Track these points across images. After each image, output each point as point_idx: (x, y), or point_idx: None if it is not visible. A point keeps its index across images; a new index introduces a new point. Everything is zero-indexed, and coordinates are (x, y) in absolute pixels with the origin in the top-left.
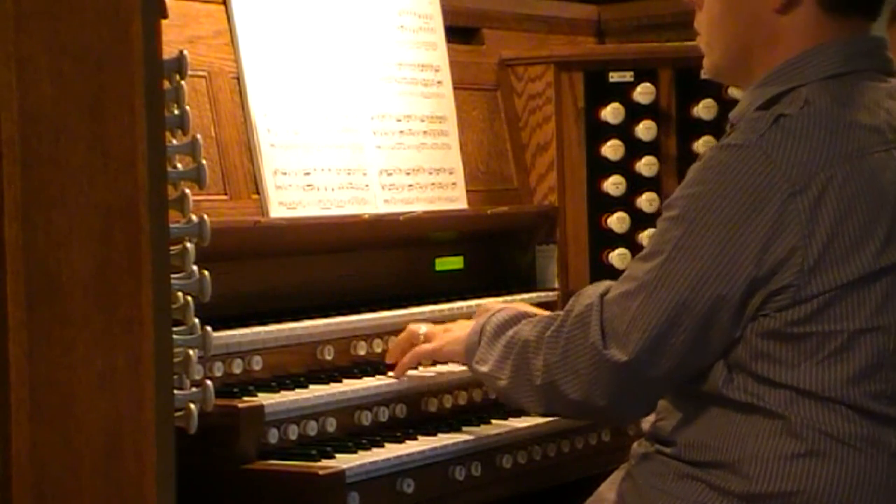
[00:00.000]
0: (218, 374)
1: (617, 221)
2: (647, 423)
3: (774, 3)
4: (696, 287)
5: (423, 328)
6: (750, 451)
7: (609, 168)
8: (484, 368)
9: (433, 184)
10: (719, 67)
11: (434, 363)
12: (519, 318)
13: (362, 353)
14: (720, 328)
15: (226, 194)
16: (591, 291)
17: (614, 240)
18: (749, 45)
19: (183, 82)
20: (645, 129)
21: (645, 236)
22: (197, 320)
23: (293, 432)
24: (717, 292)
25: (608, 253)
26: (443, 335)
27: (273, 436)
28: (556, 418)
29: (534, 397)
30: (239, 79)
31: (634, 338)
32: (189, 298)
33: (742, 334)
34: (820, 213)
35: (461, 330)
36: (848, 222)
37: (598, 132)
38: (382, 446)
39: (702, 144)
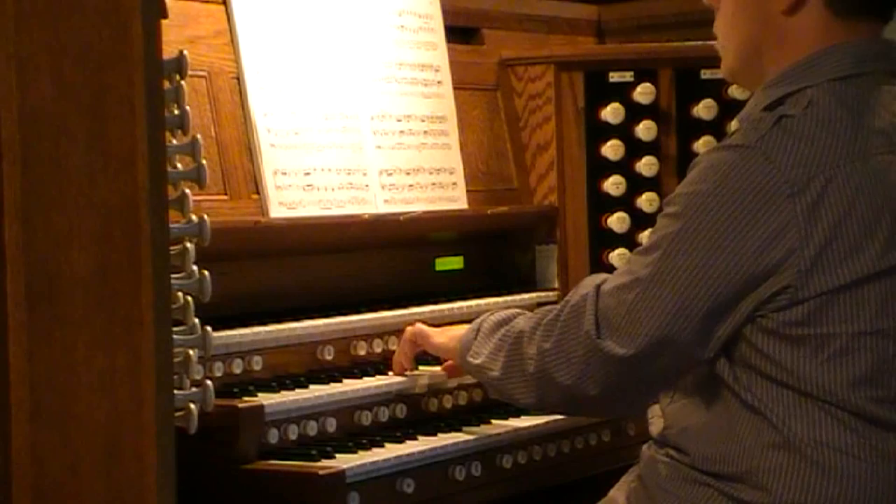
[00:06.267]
0: (218, 374)
1: (617, 221)
2: (655, 426)
3: (781, 5)
4: (691, 285)
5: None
6: (757, 462)
7: (609, 168)
8: (477, 361)
9: (433, 184)
10: (734, 69)
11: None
12: (515, 315)
13: (362, 353)
14: (716, 327)
15: (226, 194)
16: (589, 282)
17: (614, 240)
18: (759, 46)
19: (183, 82)
20: (645, 129)
21: (645, 236)
22: (197, 320)
23: (293, 432)
24: (713, 291)
25: (608, 253)
26: (438, 332)
27: (273, 436)
28: (555, 418)
29: (526, 387)
30: (239, 79)
31: (635, 334)
32: (189, 298)
33: (743, 334)
34: (818, 214)
35: (457, 330)
36: (848, 224)
37: (598, 132)
38: (382, 446)
39: (702, 144)
